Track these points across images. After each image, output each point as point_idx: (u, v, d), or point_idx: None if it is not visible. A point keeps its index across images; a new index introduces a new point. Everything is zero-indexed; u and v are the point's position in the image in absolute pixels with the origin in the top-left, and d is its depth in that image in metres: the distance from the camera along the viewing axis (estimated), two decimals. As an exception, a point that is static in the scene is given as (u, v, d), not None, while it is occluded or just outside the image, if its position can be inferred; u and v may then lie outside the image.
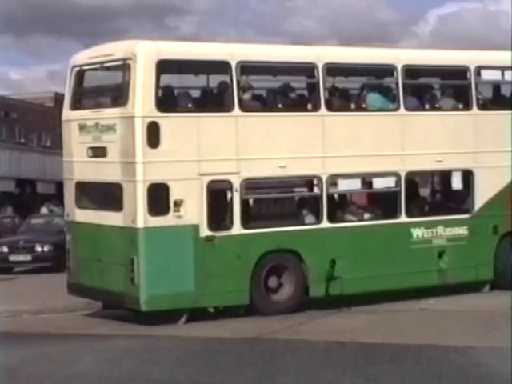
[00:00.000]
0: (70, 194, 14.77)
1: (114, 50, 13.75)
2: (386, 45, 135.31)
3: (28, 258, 22.34)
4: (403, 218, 15.03)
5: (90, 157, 14.08)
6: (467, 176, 15.82)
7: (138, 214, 12.94)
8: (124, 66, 13.32)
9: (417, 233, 15.19)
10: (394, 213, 15.03)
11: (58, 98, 65.63)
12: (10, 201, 39.46)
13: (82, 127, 14.19)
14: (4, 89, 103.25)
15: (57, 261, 22.44)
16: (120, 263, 13.25)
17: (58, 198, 40.67)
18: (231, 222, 13.59)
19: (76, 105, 14.62)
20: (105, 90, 14.60)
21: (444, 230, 15.42)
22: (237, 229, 13.62)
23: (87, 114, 14.17)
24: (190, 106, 13.76)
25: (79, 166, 14.47)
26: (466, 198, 15.84)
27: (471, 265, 15.57)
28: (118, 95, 13.73)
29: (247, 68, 14.05)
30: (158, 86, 13.20)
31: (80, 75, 14.52)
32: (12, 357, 11.36)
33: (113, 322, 14.64)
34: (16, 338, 13.22)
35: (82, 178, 14.47)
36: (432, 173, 16.35)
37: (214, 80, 14.32)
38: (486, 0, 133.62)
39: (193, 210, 13.21)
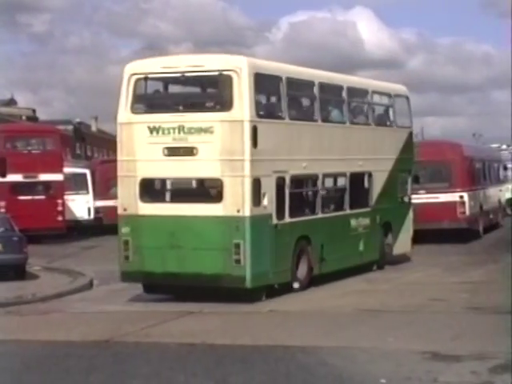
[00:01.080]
0: (129, 190, 15.91)
1: (203, 62, 15.84)
2: (240, 50, 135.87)
3: None
4: (348, 211, 18.97)
5: (167, 155, 15.65)
6: (370, 177, 19.78)
7: (245, 204, 15.12)
8: (222, 77, 15.39)
9: (352, 222, 19.09)
10: (343, 206, 18.93)
11: None
12: None
13: (153, 129, 15.64)
14: None
15: None
16: (218, 248, 15.17)
17: None
18: (284, 212, 16.22)
19: (139, 109, 16.16)
20: (190, 96, 16.83)
21: (361, 221, 19.40)
22: (287, 218, 16.36)
23: (164, 118, 15.77)
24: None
25: (147, 165, 15.83)
26: (368, 194, 19.90)
27: (371, 248, 19.65)
28: (216, 101, 16.00)
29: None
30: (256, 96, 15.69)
31: (141, 82, 16.09)
32: None
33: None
34: None
35: (151, 175, 16.08)
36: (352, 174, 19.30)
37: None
38: (335, 10, 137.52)
39: (269, 201, 15.72)
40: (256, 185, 15.34)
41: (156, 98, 16.79)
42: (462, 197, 26.00)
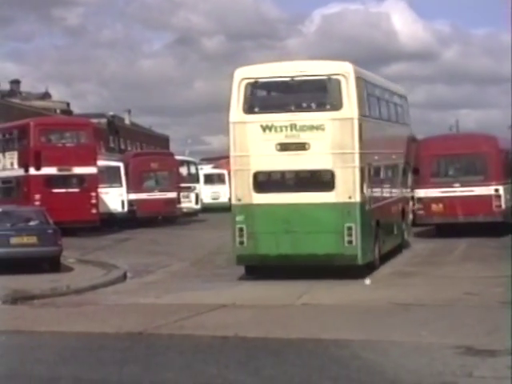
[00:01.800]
0: (243, 182, 17.83)
1: (310, 68, 17.97)
2: (273, 42, 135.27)
3: None
4: (395, 197, 22.05)
5: (279, 151, 17.63)
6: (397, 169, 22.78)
7: (355, 191, 17.35)
8: (331, 81, 17.57)
9: (394, 208, 21.94)
10: (392, 193, 21.79)
11: None
12: None
13: (266, 127, 17.61)
14: None
15: None
16: (331, 231, 17.33)
17: None
18: (370, 198, 18.43)
19: (251, 109, 17.91)
20: (301, 97, 18.23)
21: (397, 206, 22.49)
22: (371, 203, 18.65)
23: (277, 117, 17.72)
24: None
25: (260, 159, 17.71)
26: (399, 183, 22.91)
27: (399, 232, 22.56)
28: (326, 102, 17.97)
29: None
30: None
31: (253, 86, 17.97)
32: None
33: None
34: None
35: (265, 168, 17.97)
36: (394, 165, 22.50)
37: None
38: (368, 2, 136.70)
39: (366, 189, 18.09)
40: (362, 174, 17.61)
41: (268, 99, 19.00)
42: (497, 190, 25.82)
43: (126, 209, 36.34)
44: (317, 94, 18.42)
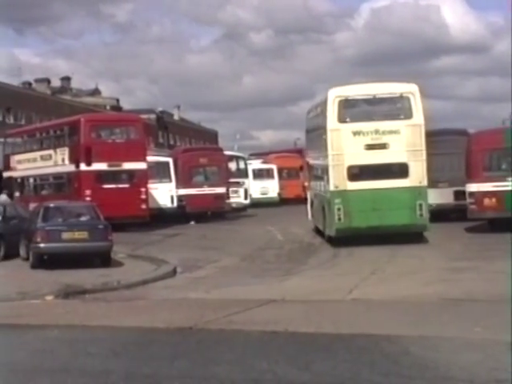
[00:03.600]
0: (339, 174, 23.52)
1: (387, 88, 24.27)
2: (321, 37, 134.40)
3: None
4: None
5: (366, 149, 23.52)
6: None
7: (424, 178, 23.53)
8: (403, 97, 23.81)
9: None
10: None
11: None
12: None
13: (356, 133, 23.53)
14: None
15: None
16: (406, 207, 23.30)
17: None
18: None
19: (344, 120, 23.66)
20: (382, 110, 24.15)
21: None
22: None
23: (364, 125, 23.64)
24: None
25: (352, 156, 23.49)
26: None
27: None
28: (399, 113, 23.91)
29: None
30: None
31: (344, 102, 23.78)
32: None
33: (46, 312, 14.58)
34: None
35: (355, 163, 23.62)
36: None
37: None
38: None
39: None
40: (426, 166, 23.58)
41: (356, 111, 24.10)
42: None
43: (175, 204, 36.51)
44: (393, 107, 24.15)
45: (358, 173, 23.72)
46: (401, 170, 23.59)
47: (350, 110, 23.94)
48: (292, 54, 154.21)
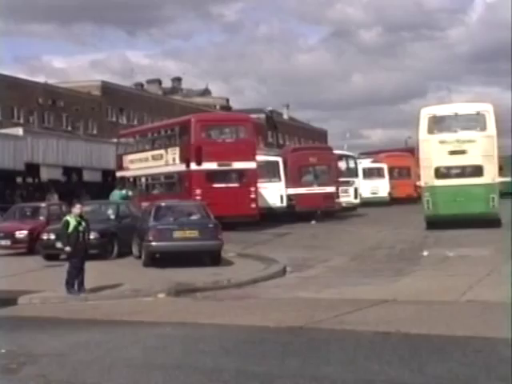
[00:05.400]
0: (428, 173, 29.85)
1: (467, 107, 30.64)
2: (433, 33, 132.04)
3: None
4: None
5: (449, 155, 29.40)
6: None
7: (496, 176, 29.52)
8: (480, 114, 29.53)
9: None
10: None
11: (105, 87, 66.39)
12: (57, 188, 39.98)
13: (442, 142, 29.48)
14: (48, 77, 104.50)
15: (103, 248, 22.75)
16: (482, 199, 29.00)
17: (103, 186, 41.31)
18: None
19: (432, 131, 29.69)
20: (463, 124, 29.79)
21: None
22: None
23: (449, 136, 29.63)
24: None
25: (438, 160, 29.52)
26: None
27: None
28: (476, 126, 29.52)
29: None
30: None
31: (432, 118, 29.87)
32: (60, 343, 11.51)
33: (158, 309, 14.78)
34: (64, 324, 13.41)
35: (440, 165, 29.69)
36: None
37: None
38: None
39: None
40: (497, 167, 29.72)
41: (442, 125, 29.98)
42: None
43: (284, 203, 36.55)
44: (472, 122, 29.80)
45: (443, 173, 29.93)
46: (477, 171, 29.44)
47: (437, 124, 30.04)
48: (403, 51, 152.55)
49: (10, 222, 27.25)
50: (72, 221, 16.63)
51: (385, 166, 51.67)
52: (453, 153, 29.30)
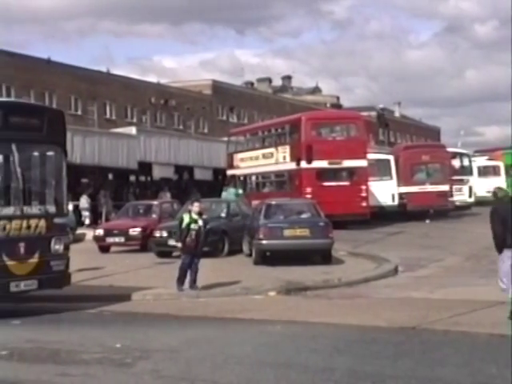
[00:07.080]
0: None
1: None
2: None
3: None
4: None
5: None
6: None
7: None
8: None
9: None
10: None
11: (216, 86, 67.12)
12: (169, 186, 40.65)
13: None
14: (159, 77, 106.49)
15: (214, 246, 22.94)
16: None
17: (214, 184, 41.78)
18: None
19: None
20: None
21: None
22: None
23: None
24: None
25: None
26: None
27: None
28: None
29: None
30: None
31: None
32: (172, 339, 11.64)
33: (269, 307, 14.78)
34: (176, 321, 13.56)
35: None
36: None
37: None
38: None
39: None
40: None
41: None
42: None
43: (396, 202, 36.13)
44: None
45: None
46: None
47: None
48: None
49: (124, 219, 27.87)
50: (186, 218, 16.81)
51: (501, 164, 50.43)
52: None
